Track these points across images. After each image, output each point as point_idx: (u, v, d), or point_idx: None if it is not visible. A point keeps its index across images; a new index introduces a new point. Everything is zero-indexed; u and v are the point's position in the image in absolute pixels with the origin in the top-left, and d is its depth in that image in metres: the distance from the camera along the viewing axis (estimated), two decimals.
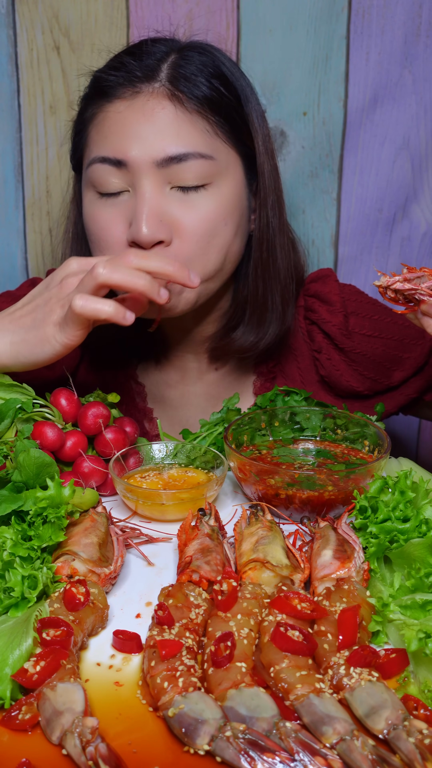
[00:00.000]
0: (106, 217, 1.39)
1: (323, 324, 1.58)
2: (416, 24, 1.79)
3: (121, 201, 1.38)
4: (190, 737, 0.80)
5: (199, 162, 1.35)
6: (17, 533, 1.02)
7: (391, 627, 0.96)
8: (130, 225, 1.35)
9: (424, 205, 1.91)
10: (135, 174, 1.35)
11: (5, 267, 1.93)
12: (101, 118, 1.39)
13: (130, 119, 1.36)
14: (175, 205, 1.36)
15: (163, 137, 1.34)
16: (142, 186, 1.34)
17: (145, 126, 1.34)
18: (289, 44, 1.78)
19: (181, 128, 1.35)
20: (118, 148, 1.35)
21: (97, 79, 1.43)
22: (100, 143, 1.38)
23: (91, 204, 1.41)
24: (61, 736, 0.80)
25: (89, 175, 1.40)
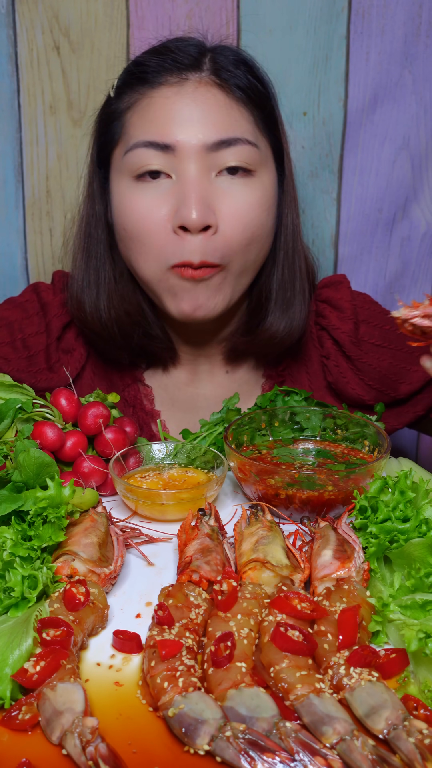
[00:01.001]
0: (146, 203, 1.37)
1: (333, 330, 1.58)
2: (416, 24, 1.79)
3: (161, 185, 1.36)
4: (190, 737, 0.80)
5: (246, 148, 1.37)
6: (17, 533, 1.02)
7: (391, 627, 0.96)
8: (173, 210, 1.34)
9: (424, 205, 1.90)
10: (182, 158, 1.34)
11: (5, 267, 1.93)
12: (145, 104, 1.38)
13: (179, 104, 1.36)
14: (221, 192, 1.36)
15: (214, 122, 1.35)
16: (188, 170, 1.34)
17: (195, 111, 1.35)
18: (289, 44, 1.78)
19: (230, 115, 1.37)
20: (166, 132, 1.34)
21: (137, 64, 1.42)
22: (145, 128, 1.37)
23: (127, 190, 1.39)
24: (61, 736, 0.80)
25: (128, 160, 1.38)
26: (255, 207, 1.39)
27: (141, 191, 1.38)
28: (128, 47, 1.77)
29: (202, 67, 1.39)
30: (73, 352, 1.58)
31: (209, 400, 1.59)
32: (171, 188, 1.36)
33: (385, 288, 1.97)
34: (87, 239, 1.53)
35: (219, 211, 1.36)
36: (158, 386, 1.63)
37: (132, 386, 1.61)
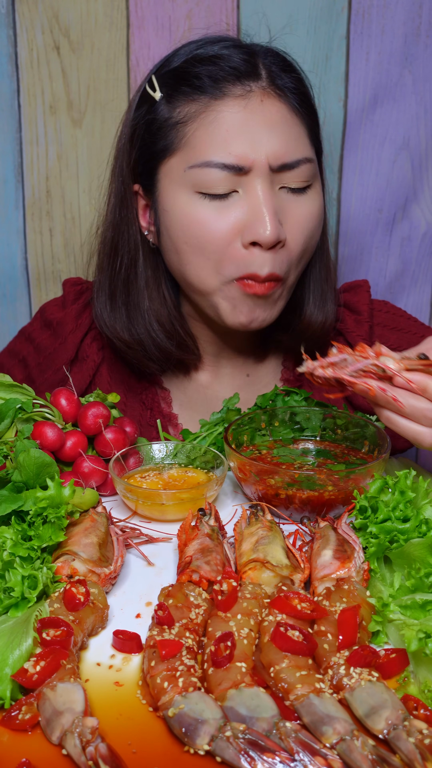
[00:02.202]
0: (211, 216, 1.35)
1: (348, 334, 1.58)
2: (416, 24, 1.79)
3: (231, 202, 1.35)
4: (190, 737, 0.80)
5: (306, 166, 1.37)
6: (17, 533, 1.02)
7: (391, 627, 0.96)
8: (240, 225, 1.34)
9: (424, 205, 1.90)
10: (251, 176, 1.34)
11: (5, 267, 1.93)
12: (212, 119, 1.35)
13: (249, 122, 1.34)
14: (284, 206, 1.37)
15: (280, 141, 1.34)
16: (258, 187, 1.34)
17: (264, 130, 1.34)
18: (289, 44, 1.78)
19: (293, 131, 1.36)
20: (241, 155, 1.33)
21: (185, 73, 1.38)
22: (217, 146, 1.34)
23: (190, 203, 1.37)
24: (61, 736, 0.80)
25: (195, 176, 1.35)
26: (314, 218, 1.40)
27: (205, 205, 1.36)
28: (128, 47, 1.77)
29: (260, 74, 1.37)
30: (87, 360, 1.58)
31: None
32: (237, 202, 1.35)
33: (385, 288, 1.97)
34: (114, 251, 1.50)
35: (285, 224, 1.37)
36: (177, 389, 1.62)
37: (150, 389, 1.60)
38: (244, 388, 1.61)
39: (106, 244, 1.52)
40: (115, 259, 1.50)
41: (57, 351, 1.58)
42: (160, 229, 1.44)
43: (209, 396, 1.61)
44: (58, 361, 1.57)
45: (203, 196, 1.35)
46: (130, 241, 1.49)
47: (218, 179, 1.34)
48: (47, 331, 1.60)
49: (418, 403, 1.08)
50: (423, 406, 1.08)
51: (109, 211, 1.53)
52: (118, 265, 1.50)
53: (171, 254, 1.44)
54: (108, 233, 1.52)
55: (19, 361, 1.63)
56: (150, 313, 1.49)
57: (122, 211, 1.49)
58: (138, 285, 1.49)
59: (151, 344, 1.50)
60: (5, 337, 1.84)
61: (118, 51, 1.78)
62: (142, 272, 1.49)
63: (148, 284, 1.50)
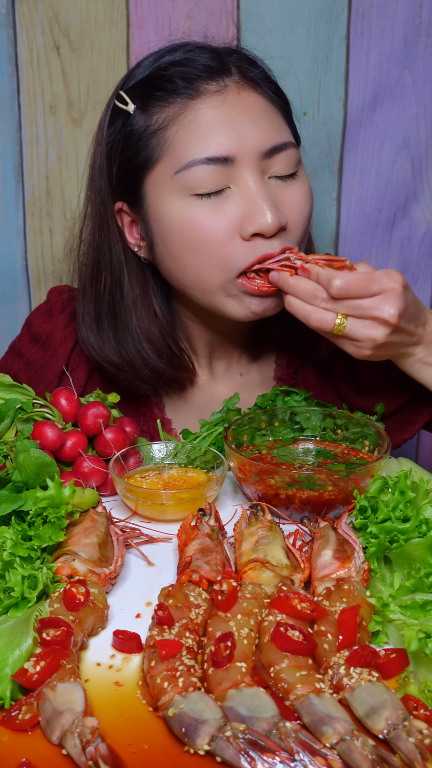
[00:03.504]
0: (210, 217, 1.34)
1: None
2: (416, 24, 1.79)
3: (226, 198, 1.34)
4: (190, 737, 0.80)
5: (292, 150, 1.38)
6: (17, 533, 1.02)
7: (391, 627, 0.96)
8: (238, 219, 1.33)
9: (424, 205, 1.90)
10: (240, 168, 1.33)
11: (5, 267, 1.93)
12: (192, 117, 1.34)
13: (229, 114, 1.34)
14: (278, 192, 1.37)
15: (264, 128, 1.35)
16: (249, 178, 1.34)
17: (245, 119, 1.34)
18: (289, 44, 1.78)
19: (273, 118, 1.37)
20: (224, 146, 1.32)
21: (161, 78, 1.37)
22: (199, 143, 1.33)
23: (186, 208, 1.35)
24: (61, 736, 0.80)
25: (183, 179, 1.34)
26: (308, 201, 1.41)
27: (199, 206, 1.35)
28: (128, 47, 1.77)
29: (230, 69, 1.37)
30: (77, 369, 1.56)
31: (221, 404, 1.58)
32: (231, 198, 1.34)
33: None
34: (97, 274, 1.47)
35: (283, 211, 1.36)
36: (172, 393, 1.60)
37: (142, 395, 1.58)
38: (238, 387, 1.60)
39: (87, 267, 1.49)
40: (98, 281, 1.47)
41: (47, 364, 1.56)
42: (154, 239, 1.41)
43: (203, 398, 1.60)
44: (49, 374, 1.56)
45: (196, 197, 1.34)
46: (113, 261, 1.46)
47: (207, 176, 1.33)
48: (36, 345, 1.59)
49: (308, 285, 1.27)
50: (311, 287, 1.27)
51: (87, 234, 1.49)
52: (102, 287, 1.47)
53: (168, 262, 1.42)
54: (89, 256, 1.49)
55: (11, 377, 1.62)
56: (139, 332, 1.47)
57: (102, 232, 1.46)
58: (125, 305, 1.47)
59: (141, 364, 1.47)
60: (5, 337, 1.84)
61: (118, 51, 1.78)
62: (128, 291, 1.47)
63: (135, 303, 1.48)
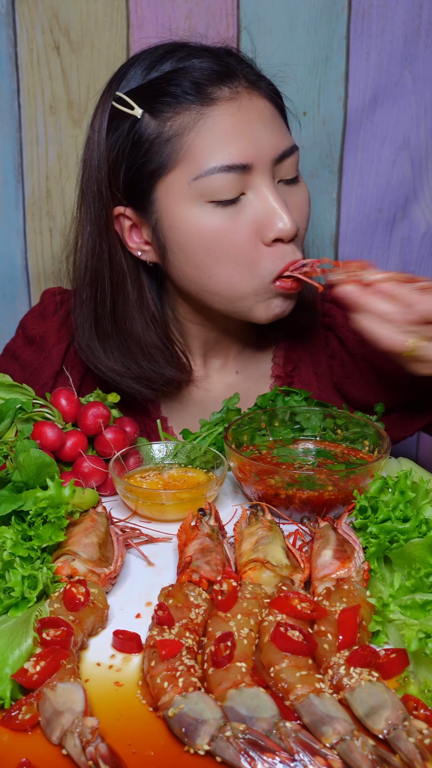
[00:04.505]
0: (232, 225, 1.35)
1: (338, 329, 1.58)
2: (416, 24, 1.79)
3: (243, 205, 1.35)
4: (190, 737, 0.80)
5: (296, 154, 1.41)
6: (17, 533, 1.02)
7: (391, 627, 0.96)
8: (257, 224, 1.35)
9: (424, 205, 1.90)
10: (255, 175, 1.35)
11: (5, 267, 1.93)
12: (210, 124, 1.33)
13: (245, 121, 1.34)
14: (287, 197, 1.39)
15: (276, 134, 1.37)
16: (263, 184, 1.36)
17: (259, 126, 1.35)
18: (289, 44, 1.78)
19: (280, 123, 1.40)
20: (243, 153, 1.33)
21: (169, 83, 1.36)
22: (218, 151, 1.33)
23: (205, 216, 1.35)
24: (61, 736, 0.80)
25: (202, 186, 1.33)
26: (308, 203, 1.45)
27: (218, 213, 1.35)
28: (128, 47, 1.77)
29: (237, 74, 1.37)
30: (72, 370, 1.56)
31: (218, 402, 1.58)
32: (248, 205, 1.35)
33: None
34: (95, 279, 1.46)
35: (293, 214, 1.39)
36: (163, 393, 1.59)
37: None
38: (234, 385, 1.60)
39: (86, 273, 1.47)
40: (97, 287, 1.46)
41: (42, 365, 1.57)
42: (169, 247, 1.40)
43: (199, 396, 1.60)
44: (44, 375, 1.56)
45: (215, 205, 1.34)
46: (114, 266, 1.45)
47: (225, 184, 1.33)
48: (30, 347, 1.59)
49: (385, 306, 1.21)
50: (388, 309, 1.21)
51: (85, 239, 1.47)
52: (101, 292, 1.46)
53: (188, 269, 1.40)
54: (86, 262, 1.47)
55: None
56: (140, 336, 1.47)
57: (101, 236, 1.45)
58: (127, 310, 1.47)
59: (145, 368, 1.47)
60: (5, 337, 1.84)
61: (118, 51, 1.78)
62: (130, 295, 1.47)
63: (134, 307, 1.48)
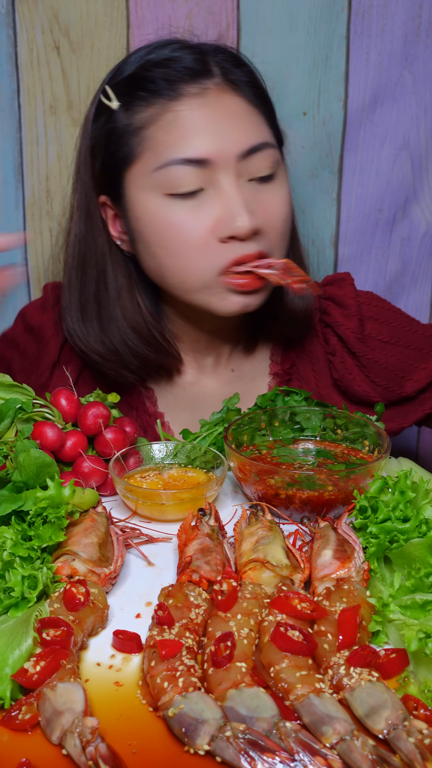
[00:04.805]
0: (188, 219, 1.36)
1: (337, 327, 1.58)
2: (416, 24, 1.78)
3: (201, 200, 1.36)
4: (190, 737, 0.80)
5: (270, 151, 1.39)
6: (17, 533, 1.02)
7: (391, 627, 0.96)
8: (214, 222, 1.35)
9: (424, 205, 1.90)
10: (217, 170, 1.35)
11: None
12: (171, 119, 1.36)
13: (207, 116, 1.35)
14: (256, 195, 1.38)
15: (243, 130, 1.36)
16: (225, 181, 1.35)
17: (223, 121, 1.35)
18: (289, 44, 1.78)
19: (252, 119, 1.38)
20: (202, 148, 1.34)
21: (140, 78, 1.39)
22: (177, 144, 1.35)
23: (161, 206, 1.37)
24: (61, 736, 0.80)
25: (160, 177, 1.36)
26: (285, 204, 1.42)
27: (176, 206, 1.36)
28: (128, 47, 1.77)
29: (212, 71, 1.38)
30: (69, 362, 1.57)
31: (215, 399, 1.59)
32: (208, 200, 1.36)
33: (385, 288, 1.96)
34: (82, 265, 1.49)
35: (260, 213, 1.37)
36: (161, 388, 1.62)
37: (134, 389, 1.60)
38: (231, 383, 1.61)
39: (74, 258, 1.51)
40: (84, 272, 1.49)
41: (41, 355, 1.58)
42: (134, 236, 1.44)
43: (195, 392, 1.61)
44: (42, 365, 1.58)
45: (173, 198, 1.36)
46: (98, 252, 1.48)
47: (184, 176, 1.35)
48: (30, 336, 1.60)
49: None
50: None
51: (73, 225, 1.51)
52: (87, 278, 1.49)
53: (148, 259, 1.44)
54: (75, 248, 1.51)
55: (4, 366, 1.63)
56: (124, 323, 1.49)
57: (88, 224, 1.49)
58: (109, 296, 1.49)
59: (128, 353, 1.49)
60: None
61: (118, 51, 1.78)
62: (112, 282, 1.49)
63: (120, 294, 1.49)
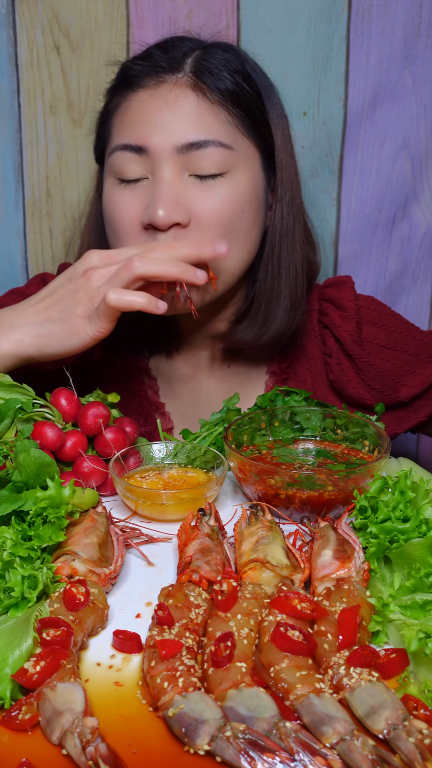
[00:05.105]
0: (123, 202, 1.41)
1: (335, 329, 1.58)
2: (416, 24, 1.79)
3: (140, 187, 1.41)
4: (190, 737, 0.80)
5: (218, 150, 1.39)
6: (17, 533, 1.02)
7: (391, 627, 0.96)
8: (143, 209, 1.38)
9: (424, 205, 1.90)
10: (155, 160, 1.38)
11: (5, 267, 1.93)
12: (125, 108, 1.43)
13: (152, 107, 1.39)
14: (193, 190, 1.39)
15: (184, 124, 1.37)
16: (160, 171, 1.38)
17: (166, 113, 1.38)
18: (289, 44, 1.78)
19: (203, 117, 1.39)
20: (139, 136, 1.38)
21: (123, 69, 1.47)
22: (123, 131, 1.41)
23: (110, 190, 1.44)
24: (61, 736, 0.80)
25: (111, 162, 1.43)
26: (227, 204, 1.40)
27: (120, 192, 1.42)
28: (128, 47, 1.77)
29: (181, 68, 1.41)
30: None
31: (211, 394, 1.60)
32: (146, 188, 1.40)
33: (385, 288, 1.97)
34: (96, 234, 1.56)
35: (191, 208, 1.38)
36: (163, 379, 1.65)
37: (137, 377, 1.62)
38: (227, 379, 1.62)
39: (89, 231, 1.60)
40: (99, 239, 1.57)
41: None
42: None
43: (192, 386, 1.63)
44: None
45: (119, 182, 1.42)
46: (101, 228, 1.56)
47: (126, 163, 1.40)
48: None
49: None
50: None
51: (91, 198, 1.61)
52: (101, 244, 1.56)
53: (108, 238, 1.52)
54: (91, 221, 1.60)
55: None
56: None
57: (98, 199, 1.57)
58: None
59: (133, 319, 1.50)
60: None
61: (118, 51, 1.78)
62: None
63: None
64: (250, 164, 1.44)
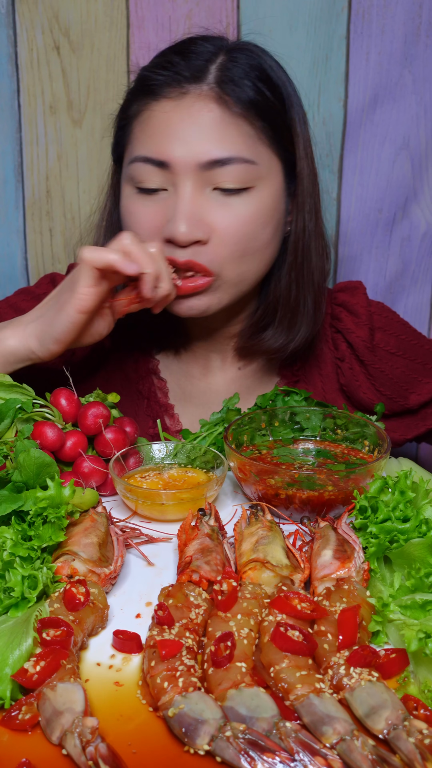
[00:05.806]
0: (142, 213, 1.40)
1: (348, 334, 1.58)
2: (416, 24, 1.79)
3: (159, 198, 1.39)
4: (190, 737, 0.80)
5: (242, 166, 1.37)
6: (17, 533, 1.02)
7: (391, 627, 0.96)
8: (166, 222, 1.37)
9: (424, 205, 1.91)
10: (177, 174, 1.36)
11: (5, 267, 1.93)
12: (146, 117, 1.40)
13: (175, 120, 1.36)
14: (214, 207, 1.37)
15: (208, 140, 1.35)
16: (182, 186, 1.36)
17: (190, 128, 1.36)
18: (289, 44, 1.78)
19: (226, 132, 1.36)
20: (162, 150, 1.36)
21: (143, 78, 1.44)
22: (144, 142, 1.39)
23: (128, 198, 1.43)
24: (61, 736, 0.80)
25: (130, 171, 1.41)
26: (249, 222, 1.39)
27: (139, 201, 1.41)
28: (128, 47, 1.78)
29: (204, 78, 1.37)
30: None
31: (222, 395, 1.60)
32: (165, 200, 1.39)
33: (385, 288, 1.97)
34: (108, 230, 1.56)
35: (212, 225, 1.37)
36: (172, 380, 1.64)
37: (146, 378, 1.62)
38: (237, 380, 1.62)
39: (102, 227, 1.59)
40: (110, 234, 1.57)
41: None
42: None
43: (203, 387, 1.63)
44: None
45: (138, 191, 1.41)
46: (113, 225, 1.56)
47: (147, 174, 1.38)
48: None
49: None
50: None
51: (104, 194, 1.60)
52: None
53: None
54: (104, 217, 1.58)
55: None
56: None
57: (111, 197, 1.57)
58: None
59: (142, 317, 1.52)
60: None
61: (118, 51, 1.78)
62: None
63: None
64: (272, 177, 1.42)
